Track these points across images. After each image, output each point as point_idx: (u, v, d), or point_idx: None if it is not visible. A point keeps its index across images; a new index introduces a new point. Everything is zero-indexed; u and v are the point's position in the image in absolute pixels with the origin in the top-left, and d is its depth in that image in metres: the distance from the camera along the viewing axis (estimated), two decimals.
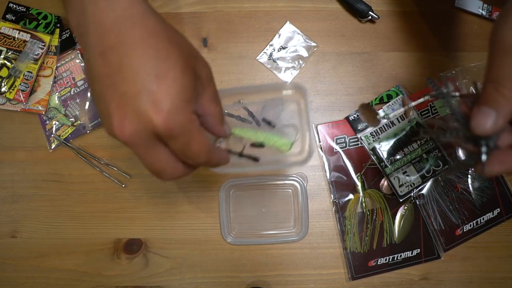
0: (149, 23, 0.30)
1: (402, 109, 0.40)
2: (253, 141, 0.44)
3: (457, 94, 0.36)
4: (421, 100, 0.39)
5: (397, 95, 0.56)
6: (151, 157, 0.31)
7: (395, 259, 0.54)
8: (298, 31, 0.58)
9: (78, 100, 0.57)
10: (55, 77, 0.56)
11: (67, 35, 0.57)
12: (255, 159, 0.44)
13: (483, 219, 0.55)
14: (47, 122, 0.56)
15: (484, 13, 0.57)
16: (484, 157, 0.32)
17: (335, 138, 0.56)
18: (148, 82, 0.29)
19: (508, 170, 0.32)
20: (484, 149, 0.32)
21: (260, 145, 0.45)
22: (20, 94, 0.55)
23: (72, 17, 0.32)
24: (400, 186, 0.55)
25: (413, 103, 0.39)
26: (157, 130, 0.29)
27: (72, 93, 0.57)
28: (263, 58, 0.58)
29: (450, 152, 0.36)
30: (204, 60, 0.35)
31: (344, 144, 0.56)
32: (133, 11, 0.30)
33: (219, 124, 0.36)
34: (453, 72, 0.56)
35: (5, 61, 0.55)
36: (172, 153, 0.32)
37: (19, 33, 0.55)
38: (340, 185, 0.55)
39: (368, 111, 0.40)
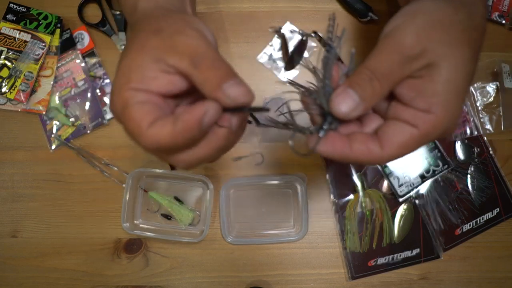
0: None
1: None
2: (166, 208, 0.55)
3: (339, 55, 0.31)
4: (312, 34, 0.32)
5: None
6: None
7: (395, 259, 0.54)
8: (298, 31, 0.59)
9: (78, 100, 0.57)
10: (55, 77, 0.57)
11: (68, 36, 0.57)
12: (167, 217, 0.55)
13: (482, 219, 0.55)
14: (48, 122, 0.56)
15: None
16: (322, 133, 0.29)
17: None
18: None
19: (335, 155, 0.29)
20: (325, 126, 0.30)
21: (168, 217, 0.55)
22: (21, 94, 0.55)
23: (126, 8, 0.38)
24: (399, 186, 0.55)
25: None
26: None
27: (72, 93, 0.57)
28: (263, 58, 0.58)
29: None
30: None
31: None
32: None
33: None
34: None
35: (6, 62, 0.55)
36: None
37: (19, 33, 0.55)
38: (340, 185, 0.55)
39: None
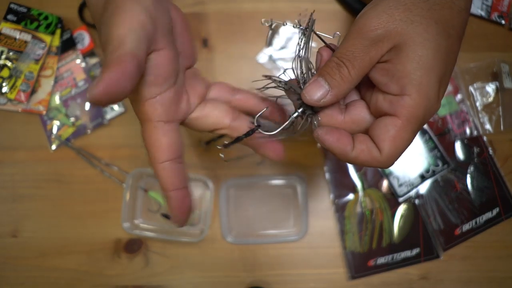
0: None
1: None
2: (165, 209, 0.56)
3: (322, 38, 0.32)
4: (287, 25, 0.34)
5: None
6: None
7: (395, 258, 0.54)
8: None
9: (79, 100, 0.57)
10: (56, 78, 0.57)
11: (68, 36, 0.57)
12: (167, 217, 0.55)
13: (482, 218, 0.55)
14: (48, 122, 0.57)
15: (483, 13, 0.57)
16: (293, 116, 0.31)
17: None
18: None
19: (337, 149, 0.31)
20: (298, 112, 0.31)
21: (168, 216, 0.55)
22: (21, 94, 0.55)
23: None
24: (399, 185, 0.55)
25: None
26: None
27: (73, 93, 0.57)
28: (263, 58, 0.58)
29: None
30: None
31: None
32: None
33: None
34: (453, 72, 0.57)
35: (6, 62, 0.55)
36: None
37: (20, 33, 0.55)
38: (340, 184, 0.55)
39: None
